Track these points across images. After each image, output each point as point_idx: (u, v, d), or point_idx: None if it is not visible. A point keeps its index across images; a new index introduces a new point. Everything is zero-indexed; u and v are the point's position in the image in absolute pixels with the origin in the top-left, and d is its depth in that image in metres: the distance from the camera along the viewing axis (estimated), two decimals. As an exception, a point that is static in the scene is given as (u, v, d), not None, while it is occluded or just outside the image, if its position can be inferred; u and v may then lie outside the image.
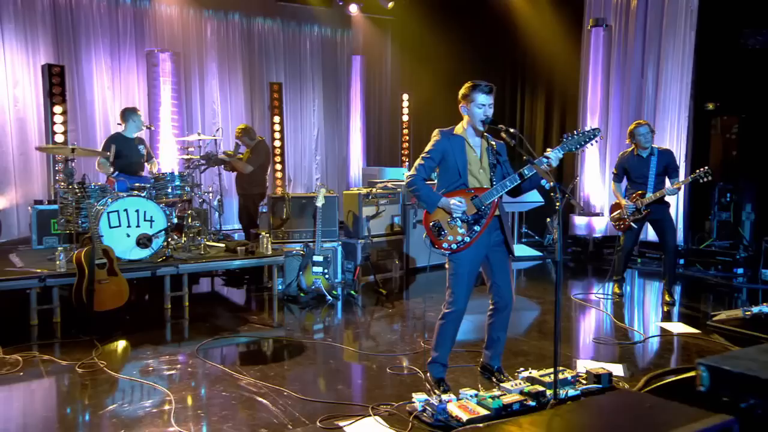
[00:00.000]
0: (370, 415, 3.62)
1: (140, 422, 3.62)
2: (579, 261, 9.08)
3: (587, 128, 3.83)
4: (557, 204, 3.36)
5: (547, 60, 10.16)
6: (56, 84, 8.65)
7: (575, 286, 7.69)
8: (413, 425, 3.47)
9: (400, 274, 7.77)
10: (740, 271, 7.87)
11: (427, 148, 3.94)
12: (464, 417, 3.42)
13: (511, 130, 3.71)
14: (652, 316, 6.41)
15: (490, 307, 4.07)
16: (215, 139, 8.00)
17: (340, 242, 7.29)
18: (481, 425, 2.94)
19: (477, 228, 3.85)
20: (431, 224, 3.93)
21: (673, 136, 8.60)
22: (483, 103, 3.81)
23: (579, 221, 9.50)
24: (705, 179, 5.98)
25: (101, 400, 4.01)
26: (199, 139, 7.67)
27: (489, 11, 10.83)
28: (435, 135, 3.96)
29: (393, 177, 9.23)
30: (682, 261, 8.30)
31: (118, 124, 7.69)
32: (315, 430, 3.49)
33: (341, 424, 3.53)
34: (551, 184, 3.52)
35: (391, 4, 11.50)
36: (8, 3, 9.54)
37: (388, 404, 3.76)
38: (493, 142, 3.96)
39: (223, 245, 7.19)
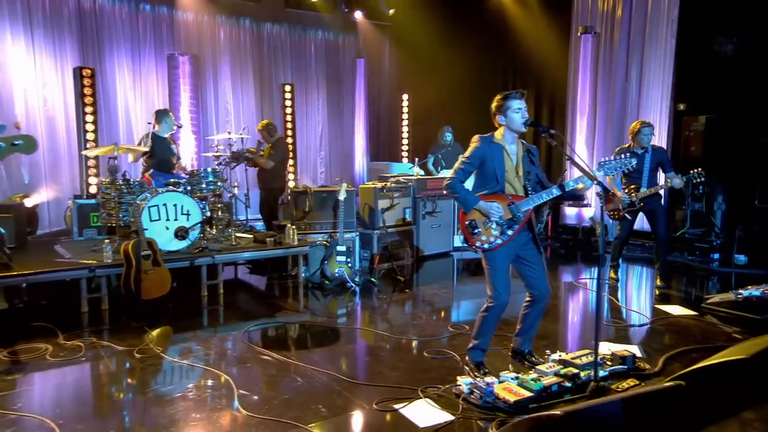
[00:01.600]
0: (420, 398, 3.57)
1: (207, 406, 3.54)
2: (569, 248, 9.09)
3: (623, 156, 3.77)
4: (601, 202, 3.32)
5: (537, 63, 10.08)
6: (87, 86, 8.43)
7: (567, 271, 7.72)
8: (463, 407, 3.44)
9: (411, 261, 7.70)
10: (716, 256, 7.94)
11: (466, 153, 3.84)
12: (511, 399, 3.39)
13: (552, 132, 3.65)
14: (649, 299, 6.40)
15: (527, 299, 4.02)
16: (242, 138, 7.84)
17: (357, 233, 7.20)
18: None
19: (509, 232, 3.79)
20: (467, 223, 3.85)
21: (654, 134, 8.58)
22: (519, 107, 3.75)
23: (569, 211, 9.51)
24: (699, 180, 5.92)
25: (164, 386, 3.93)
26: (229, 138, 7.52)
27: (483, 17, 10.73)
28: (475, 141, 3.86)
29: (400, 172, 9.13)
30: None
31: (149, 123, 7.52)
32: (373, 412, 3.44)
33: (396, 406, 3.47)
34: (594, 182, 3.48)
35: (392, 11, 11.37)
36: (38, 10, 9.31)
37: (435, 387, 3.71)
38: (530, 148, 3.92)
39: (251, 236, 7.08)
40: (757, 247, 7.58)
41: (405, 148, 12.41)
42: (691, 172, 5.97)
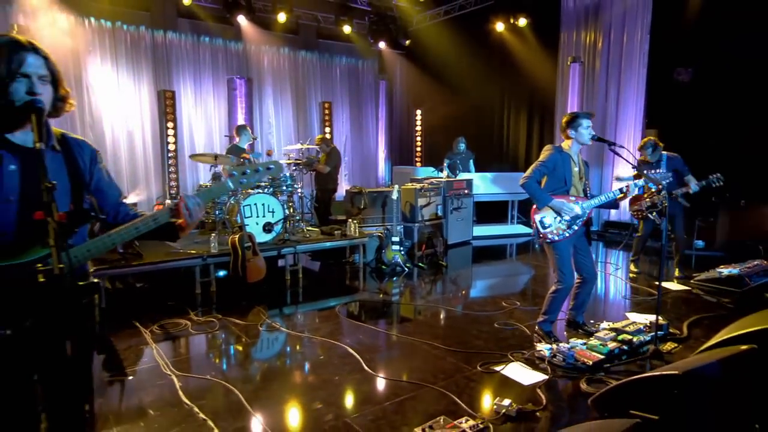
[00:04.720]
0: (513, 361, 3.65)
1: (342, 370, 3.56)
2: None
3: (660, 171, 3.83)
4: (665, 203, 3.42)
5: (530, 85, 10.16)
6: (169, 105, 8.33)
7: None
8: (549, 368, 3.52)
9: (442, 249, 7.76)
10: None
11: (541, 158, 3.87)
12: (589, 361, 3.49)
13: (616, 144, 3.74)
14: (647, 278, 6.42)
15: (578, 280, 4.06)
16: (308, 148, 7.83)
17: (402, 225, 7.24)
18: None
19: (575, 227, 3.86)
20: (539, 219, 3.92)
21: (630, 146, 8.74)
22: (588, 125, 3.83)
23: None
24: (718, 184, 5.53)
25: (297, 353, 3.95)
26: (301, 148, 7.51)
27: (486, 46, 10.74)
28: (548, 149, 3.89)
29: (425, 175, 9.17)
30: (635, 235, 8.49)
31: (226, 136, 7.51)
32: (478, 373, 3.50)
33: (497, 368, 3.54)
34: (660, 186, 3.57)
35: (408, 42, 11.38)
36: (121, 43, 9.28)
37: (521, 352, 3.79)
38: (584, 160, 4.01)
39: (317, 229, 7.08)
40: (712, 234, 7.81)
41: (418, 154, 12.46)
42: (710, 176, 5.59)
